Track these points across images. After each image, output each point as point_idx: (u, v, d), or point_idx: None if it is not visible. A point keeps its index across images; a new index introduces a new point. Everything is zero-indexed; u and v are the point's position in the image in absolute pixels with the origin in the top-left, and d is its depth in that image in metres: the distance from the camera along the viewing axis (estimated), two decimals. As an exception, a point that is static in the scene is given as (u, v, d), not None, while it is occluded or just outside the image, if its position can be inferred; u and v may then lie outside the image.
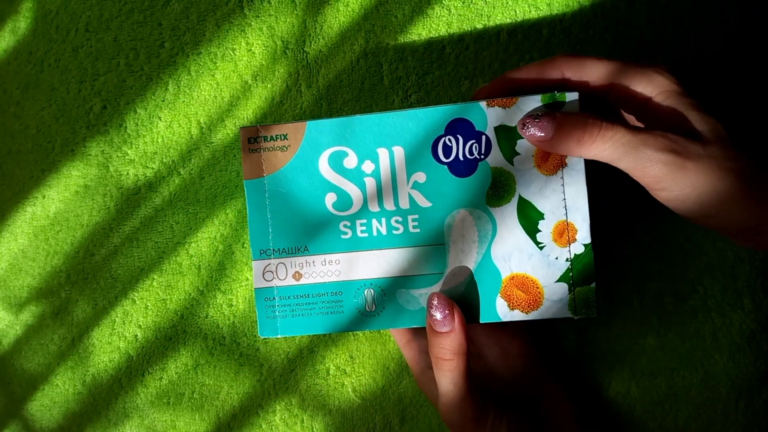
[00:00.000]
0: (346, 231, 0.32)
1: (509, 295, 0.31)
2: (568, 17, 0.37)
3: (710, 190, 0.27)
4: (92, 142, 0.40)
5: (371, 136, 0.31)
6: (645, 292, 0.38)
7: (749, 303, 0.37)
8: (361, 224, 0.32)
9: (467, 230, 0.31)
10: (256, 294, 0.33)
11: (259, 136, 0.32)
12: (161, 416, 0.40)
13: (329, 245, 0.32)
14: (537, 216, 0.31)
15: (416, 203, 0.32)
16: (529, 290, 0.31)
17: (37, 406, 0.41)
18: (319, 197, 0.32)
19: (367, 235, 0.32)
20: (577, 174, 0.30)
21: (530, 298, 0.31)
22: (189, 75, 0.39)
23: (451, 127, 0.31)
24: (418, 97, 0.38)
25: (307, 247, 0.32)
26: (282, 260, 0.32)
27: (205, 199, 0.39)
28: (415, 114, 0.31)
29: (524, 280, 0.31)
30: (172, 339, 0.40)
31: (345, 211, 0.32)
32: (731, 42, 0.37)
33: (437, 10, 0.38)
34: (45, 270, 0.40)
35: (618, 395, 0.38)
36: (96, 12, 0.40)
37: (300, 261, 0.32)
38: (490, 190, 0.31)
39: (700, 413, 0.38)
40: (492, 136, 0.31)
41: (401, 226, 0.32)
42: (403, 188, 0.31)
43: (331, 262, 0.32)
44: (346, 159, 0.32)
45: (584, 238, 0.31)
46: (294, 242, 0.32)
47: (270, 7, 0.39)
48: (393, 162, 0.31)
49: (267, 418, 0.40)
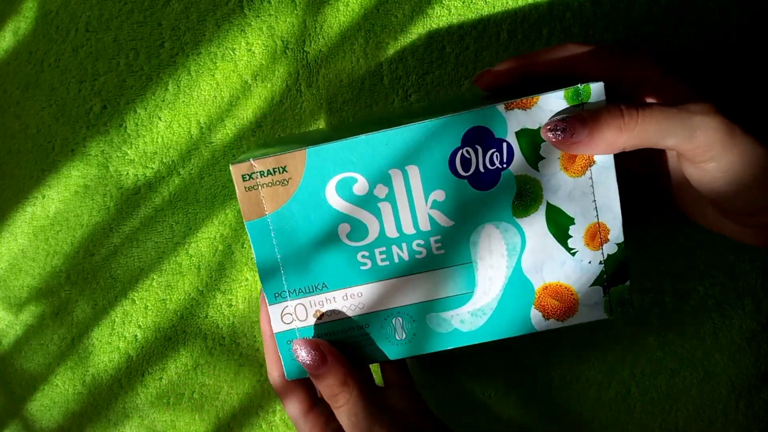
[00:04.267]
0: (365, 262, 0.30)
1: (544, 306, 0.30)
2: (568, 17, 0.37)
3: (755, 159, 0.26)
4: (92, 142, 0.40)
5: (380, 157, 0.28)
6: (645, 292, 0.38)
7: (749, 303, 0.37)
8: (381, 252, 0.30)
9: (495, 245, 0.29)
10: (277, 338, 0.30)
11: (254, 172, 0.29)
12: (161, 416, 0.40)
13: (349, 279, 0.30)
14: (567, 222, 0.29)
15: (437, 223, 0.29)
16: (563, 298, 0.30)
17: (37, 406, 0.41)
18: (330, 230, 0.29)
19: (389, 263, 0.30)
20: (607, 171, 0.29)
21: (565, 306, 0.30)
22: (189, 75, 0.39)
23: (468, 138, 0.28)
24: (418, 96, 0.38)
25: (326, 284, 0.30)
26: (300, 301, 0.30)
27: (205, 199, 0.39)
28: (426, 126, 0.28)
29: (558, 289, 0.30)
30: (172, 339, 0.40)
31: (361, 241, 0.29)
32: (731, 42, 0.37)
33: (437, 10, 0.38)
34: (45, 270, 0.40)
35: (618, 395, 0.38)
36: (96, 12, 0.40)
37: (319, 299, 0.30)
38: (516, 200, 0.29)
39: (700, 413, 0.38)
40: (513, 142, 0.28)
41: (424, 250, 0.29)
42: (422, 209, 0.29)
43: (353, 295, 0.30)
44: (356, 185, 0.29)
45: (617, 237, 0.30)
46: (310, 281, 0.30)
47: (270, 6, 0.39)
48: (408, 183, 0.29)
49: (267, 418, 0.40)
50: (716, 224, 0.31)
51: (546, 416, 0.39)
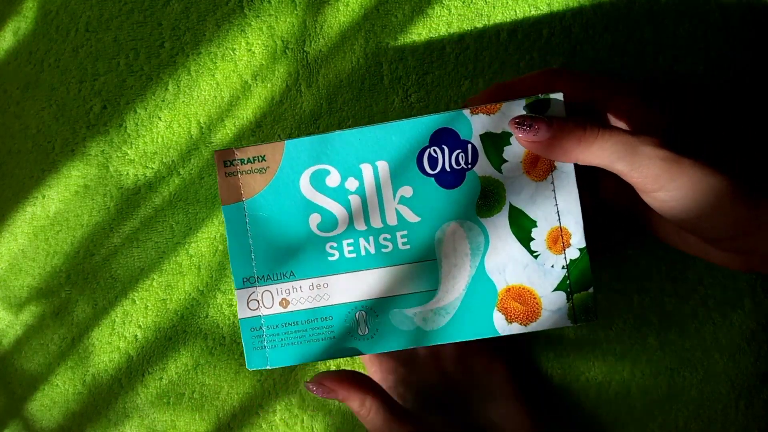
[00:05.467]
0: (333, 252, 0.31)
1: (506, 308, 0.30)
2: (568, 17, 0.37)
3: (705, 187, 0.27)
4: (92, 142, 0.40)
5: (353, 151, 0.30)
6: (645, 292, 0.38)
7: (749, 303, 0.37)
8: (348, 244, 0.31)
9: (458, 243, 0.30)
10: (242, 324, 0.31)
11: (235, 159, 0.31)
12: (161, 416, 0.40)
13: (316, 268, 0.31)
14: (529, 224, 0.30)
15: (404, 219, 0.30)
16: (526, 302, 0.30)
17: (37, 406, 0.41)
18: (302, 219, 0.31)
19: (355, 256, 0.31)
20: (567, 176, 0.30)
21: (528, 310, 0.30)
22: (189, 75, 0.39)
23: (436, 138, 0.30)
24: (418, 96, 0.38)
25: (294, 272, 0.31)
26: (267, 287, 0.31)
27: (205, 199, 0.39)
28: (398, 126, 0.30)
29: (521, 292, 0.30)
30: (172, 339, 0.40)
31: (330, 232, 0.31)
32: (731, 42, 0.37)
33: (437, 10, 0.38)
34: (45, 270, 0.41)
35: (618, 395, 0.38)
36: (96, 12, 0.40)
37: (287, 287, 0.31)
38: (480, 200, 0.30)
39: (700, 413, 0.38)
40: (478, 144, 0.30)
41: (390, 244, 0.31)
42: (390, 204, 0.30)
43: (320, 286, 0.31)
44: (329, 177, 0.30)
45: (579, 242, 0.30)
46: (279, 268, 0.31)
47: (270, 7, 0.39)
48: (378, 177, 0.30)
49: (267, 418, 0.40)
50: (699, 251, 0.32)
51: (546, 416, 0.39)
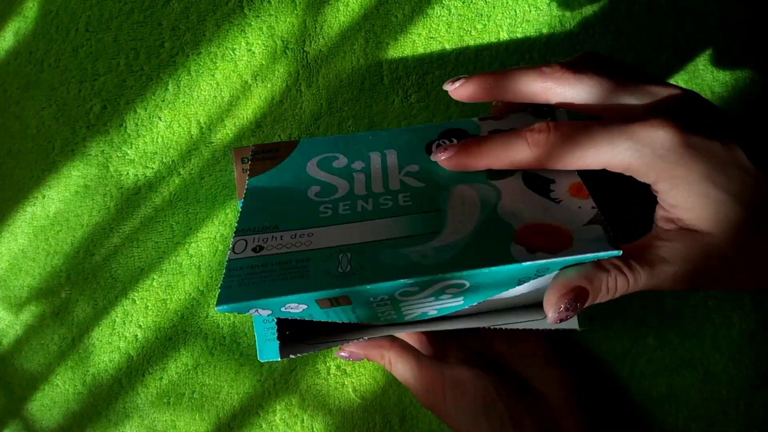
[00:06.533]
0: (326, 211, 0.28)
1: (527, 241, 0.26)
2: (568, 17, 0.37)
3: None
4: (92, 142, 0.40)
5: (364, 145, 0.31)
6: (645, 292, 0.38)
7: (749, 303, 0.37)
8: (344, 205, 0.29)
9: (467, 197, 0.28)
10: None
11: (251, 154, 0.32)
12: (161, 416, 0.40)
13: (304, 222, 0.28)
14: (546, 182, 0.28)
15: (408, 185, 0.29)
16: (551, 232, 0.26)
17: (37, 406, 0.41)
18: (301, 189, 0.29)
19: (350, 211, 0.28)
20: None
21: (554, 239, 0.26)
22: (189, 75, 0.39)
23: (445, 134, 0.31)
24: (418, 96, 0.38)
25: (277, 226, 0.28)
26: (243, 237, 0.28)
27: (205, 199, 0.39)
28: (410, 128, 0.31)
29: (543, 226, 0.26)
30: (173, 339, 0.40)
31: (327, 198, 0.29)
32: (731, 42, 0.37)
33: (437, 10, 0.38)
34: (45, 270, 0.41)
35: (618, 395, 0.38)
36: (96, 12, 0.39)
37: (264, 237, 0.28)
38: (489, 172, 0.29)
39: (700, 413, 0.38)
40: None
41: (390, 202, 0.28)
42: (395, 176, 0.30)
43: (303, 235, 0.28)
44: (336, 161, 0.31)
45: None
46: (261, 222, 0.28)
47: (270, 6, 0.39)
48: (385, 161, 0.30)
49: (267, 418, 0.40)
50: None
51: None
